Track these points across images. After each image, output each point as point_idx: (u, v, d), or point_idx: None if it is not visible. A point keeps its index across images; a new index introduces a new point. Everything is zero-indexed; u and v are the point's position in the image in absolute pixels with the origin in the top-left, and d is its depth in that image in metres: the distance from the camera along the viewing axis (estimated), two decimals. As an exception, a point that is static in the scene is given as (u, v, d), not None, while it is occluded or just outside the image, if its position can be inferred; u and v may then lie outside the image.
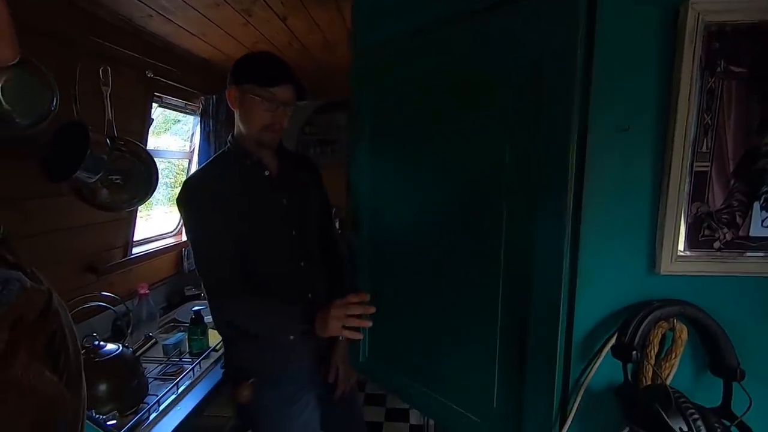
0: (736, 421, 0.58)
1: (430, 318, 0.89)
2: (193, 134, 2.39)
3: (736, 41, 0.59)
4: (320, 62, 2.21)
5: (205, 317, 1.69)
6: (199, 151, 2.27)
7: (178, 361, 1.54)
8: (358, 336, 1.03)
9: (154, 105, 1.86)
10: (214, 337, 1.69)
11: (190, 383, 1.40)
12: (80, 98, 1.31)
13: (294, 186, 1.25)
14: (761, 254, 0.62)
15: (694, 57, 0.59)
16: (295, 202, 1.24)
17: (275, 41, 1.81)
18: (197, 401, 1.34)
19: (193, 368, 1.46)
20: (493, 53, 0.72)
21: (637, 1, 0.61)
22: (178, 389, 1.34)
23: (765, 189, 0.61)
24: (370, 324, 1.02)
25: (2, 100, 0.98)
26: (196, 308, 1.72)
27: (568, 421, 0.65)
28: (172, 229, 2.37)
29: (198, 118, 2.26)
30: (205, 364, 1.52)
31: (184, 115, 2.28)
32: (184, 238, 2.36)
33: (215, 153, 2.29)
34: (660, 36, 0.61)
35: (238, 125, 1.21)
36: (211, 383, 1.43)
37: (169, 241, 2.31)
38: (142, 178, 1.44)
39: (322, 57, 2.13)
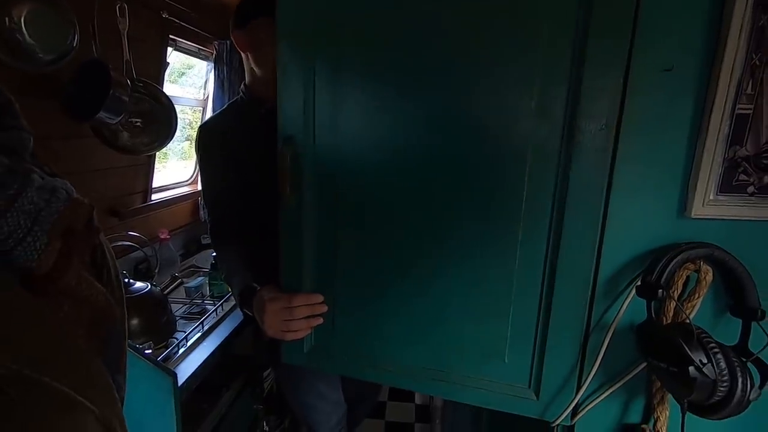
0: (752, 357, 0.61)
1: (417, 281, 0.79)
2: (206, 81, 2.36)
3: (795, -25, 0.57)
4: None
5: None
6: (213, 98, 2.25)
7: (201, 302, 1.60)
8: (301, 336, 0.87)
9: (169, 49, 1.82)
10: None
11: (214, 323, 1.46)
12: (98, 37, 1.29)
13: None
14: (795, 199, 0.62)
15: (748, -9, 0.57)
16: None
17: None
18: (221, 340, 1.40)
19: (215, 309, 1.52)
20: None
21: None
22: (203, 327, 1.40)
23: (807, 133, 0.60)
24: (320, 321, 0.86)
25: (26, 33, 0.96)
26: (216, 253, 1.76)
27: (599, 359, 0.68)
28: (187, 178, 2.39)
29: (212, 64, 2.22)
30: (227, 306, 1.58)
31: (198, 60, 2.24)
32: (199, 187, 2.38)
33: (228, 99, 2.28)
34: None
35: (252, 70, 1.15)
36: (233, 324, 1.50)
37: (184, 190, 2.34)
38: (162, 122, 1.44)
39: None
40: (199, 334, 1.38)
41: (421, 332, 0.81)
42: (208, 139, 1.16)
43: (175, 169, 2.55)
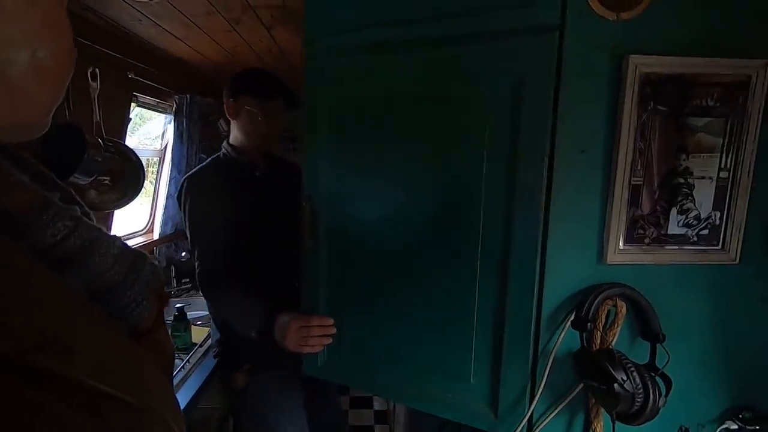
0: (658, 372, 0.78)
1: (402, 313, 0.98)
2: (163, 132, 2.39)
3: (661, 87, 0.78)
4: (295, 65, 2.29)
5: (188, 313, 1.74)
6: (172, 149, 2.28)
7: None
8: (316, 350, 1.08)
9: (132, 104, 1.87)
10: (198, 333, 1.75)
11: (182, 378, 1.46)
12: (70, 100, 1.33)
13: (280, 186, 1.37)
14: (677, 247, 0.82)
15: (632, 97, 0.78)
16: (280, 200, 1.36)
17: (256, 47, 1.88)
18: (190, 396, 1.40)
19: (183, 365, 1.52)
20: (472, 78, 0.86)
21: (593, 48, 0.78)
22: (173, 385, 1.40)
23: (680, 198, 0.81)
24: (330, 341, 1.07)
25: None
26: (179, 305, 1.76)
27: (543, 380, 0.82)
28: (141, 228, 2.36)
29: (171, 117, 2.27)
30: (193, 359, 1.58)
31: (156, 113, 2.28)
32: (155, 236, 2.36)
33: (188, 151, 2.33)
34: (609, 79, 0.79)
35: (235, 133, 1.35)
36: (201, 377, 1.50)
37: (138, 240, 2.30)
38: (131, 179, 1.48)
39: (299, 62, 2.21)
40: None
41: (402, 355, 1.00)
42: (193, 188, 1.28)
43: (132, 208, 2.49)
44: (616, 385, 0.74)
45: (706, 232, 0.83)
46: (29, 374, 0.28)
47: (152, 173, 2.49)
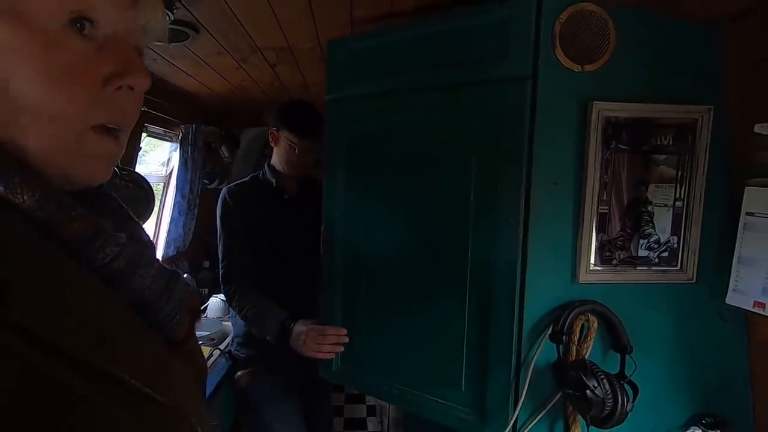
0: (626, 380, 0.87)
1: (407, 328, 1.10)
2: (168, 159, 2.50)
3: (621, 129, 0.90)
4: (294, 95, 2.43)
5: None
6: (177, 175, 2.38)
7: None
8: (329, 357, 1.21)
9: (142, 134, 1.98)
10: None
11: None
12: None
13: (306, 206, 1.49)
14: (641, 268, 0.93)
15: (597, 137, 0.90)
16: (304, 221, 1.47)
17: (260, 81, 2.01)
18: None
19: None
20: (461, 119, 0.99)
21: (562, 96, 0.91)
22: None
23: (642, 225, 0.92)
24: (341, 349, 1.20)
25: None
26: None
27: (524, 389, 0.91)
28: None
29: (177, 145, 2.38)
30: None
31: (162, 141, 2.40)
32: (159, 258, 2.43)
33: (191, 177, 2.43)
34: (576, 121, 0.91)
35: (275, 158, 1.54)
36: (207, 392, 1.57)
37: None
38: (143, 205, 1.57)
39: (297, 93, 2.35)
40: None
41: (404, 365, 1.11)
42: (226, 201, 1.49)
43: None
44: (588, 391, 0.83)
45: (666, 254, 0.93)
46: (82, 369, 0.33)
47: (156, 198, 2.59)
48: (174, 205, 2.42)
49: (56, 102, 0.37)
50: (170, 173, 2.49)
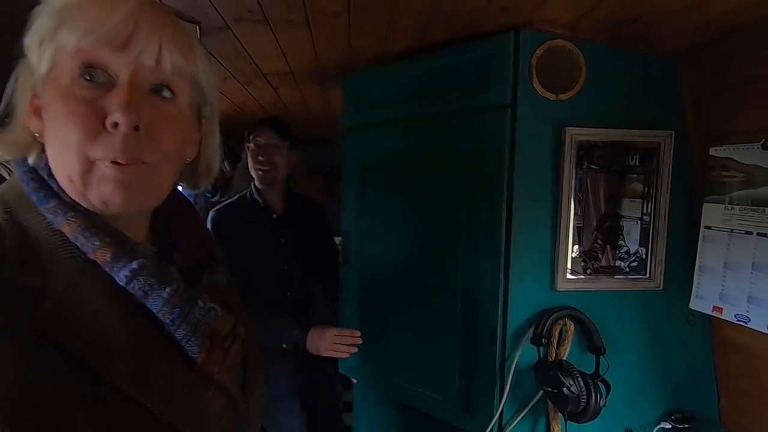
0: (600, 378, 0.96)
1: (408, 329, 1.22)
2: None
3: (593, 151, 1.00)
4: (294, 113, 2.53)
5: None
6: (181, 188, 2.47)
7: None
8: (344, 356, 1.34)
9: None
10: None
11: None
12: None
13: (295, 226, 1.55)
14: (613, 276, 1.02)
15: (571, 159, 1.00)
16: (292, 240, 1.54)
17: (262, 102, 2.12)
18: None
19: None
20: (448, 143, 1.10)
21: (539, 122, 1.01)
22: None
23: (613, 237, 1.02)
24: (355, 350, 1.33)
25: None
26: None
27: (507, 387, 1.00)
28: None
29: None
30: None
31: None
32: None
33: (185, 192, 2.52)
34: (552, 144, 1.01)
35: (250, 171, 1.57)
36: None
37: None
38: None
39: (297, 110, 2.46)
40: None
41: (407, 364, 1.23)
42: (215, 222, 1.51)
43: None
44: (565, 389, 0.92)
45: (635, 264, 1.03)
46: (81, 368, 0.40)
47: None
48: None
49: (69, 139, 0.44)
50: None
